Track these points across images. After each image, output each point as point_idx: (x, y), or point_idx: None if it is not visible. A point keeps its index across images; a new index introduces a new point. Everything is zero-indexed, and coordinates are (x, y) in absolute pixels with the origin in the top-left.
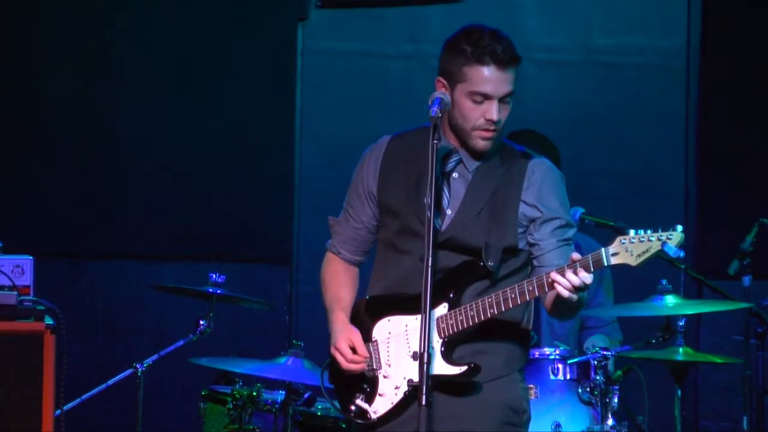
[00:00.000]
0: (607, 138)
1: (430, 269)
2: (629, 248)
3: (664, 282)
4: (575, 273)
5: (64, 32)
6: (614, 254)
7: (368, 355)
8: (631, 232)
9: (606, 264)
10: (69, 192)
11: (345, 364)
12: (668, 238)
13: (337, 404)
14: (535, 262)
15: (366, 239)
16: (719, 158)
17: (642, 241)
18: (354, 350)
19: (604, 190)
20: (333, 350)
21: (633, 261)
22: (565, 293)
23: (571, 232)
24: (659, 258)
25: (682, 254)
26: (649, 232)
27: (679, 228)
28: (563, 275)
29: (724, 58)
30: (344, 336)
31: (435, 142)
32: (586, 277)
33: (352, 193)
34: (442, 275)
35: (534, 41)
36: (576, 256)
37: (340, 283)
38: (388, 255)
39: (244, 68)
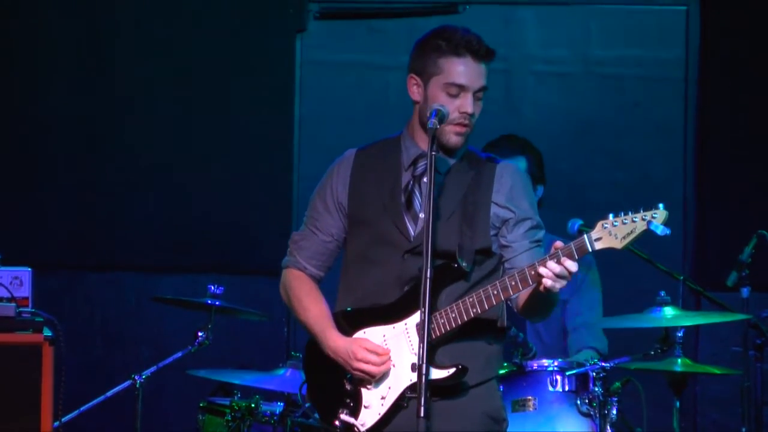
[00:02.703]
0: (605, 149)
1: (428, 281)
2: (612, 231)
3: (662, 293)
4: (558, 262)
5: (64, 46)
6: (597, 239)
7: (389, 350)
8: (611, 216)
9: (590, 249)
10: (68, 204)
11: (377, 369)
12: (653, 217)
13: (318, 418)
14: (506, 265)
15: (333, 253)
16: (718, 170)
17: (625, 223)
18: (374, 353)
19: (602, 201)
20: (357, 364)
21: (618, 244)
22: (549, 282)
23: (541, 234)
24: (655, 266)
25: (668, 232)
26: (630, 213)
27: (662, 206)
28: (545, 265)
29: (722, 69)
30: (356, 347)
31: (433, 153)
32: (571, 265)
33: (317, 207)
34: (415, 282)
35: (533, 53)
36: (559, 243)
37: (317, 300)
38: (357, 267)
39: (243, 80)
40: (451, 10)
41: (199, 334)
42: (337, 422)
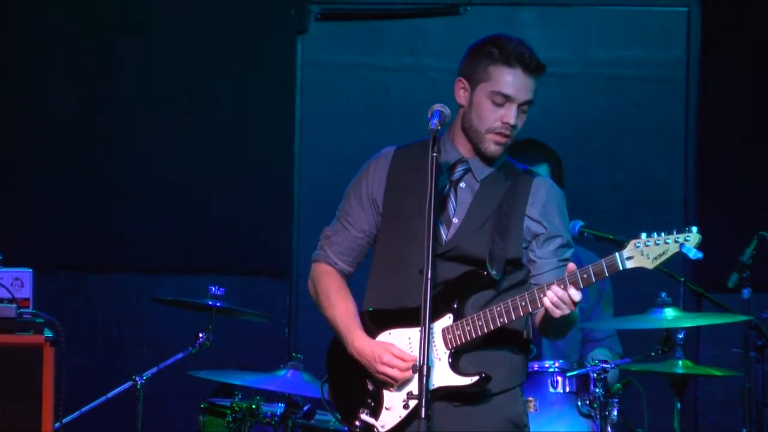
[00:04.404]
0: (606, 151)
1: (429, 282)
2: (645, 251)
3: (663, 295)
4: (564, 289)
5: (65, 46)
6: (629, 258)
7: (415, 356)
8: (643, 236)
9: (621, 268)
10: (68, 205)
11: (401, 375)
12: (686, 240)
13: (339, 417)
14: (532, 281)
15: (363, 249)
16: (719, 171)
17: (658, 244)
18: (400, 358)
19: (603, 203)
20: (381, 368)
21: (649, 264)
22: (548, 304)
23: (569, 252)
24: (659, 271)
25: (701, 256)
26: (663, 234)
27: (695, 229)
28: (550, 289)
29: (723, 70)
30: (382, 350)
31: (434, 154)
32: (575, 294)
33: (351, 201)
34: (444, 286)
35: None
36: (572, 266)
37: (345, 298)
38: (388, 267)
39: (244, 81)
40: (452, 11)
41: (200, 335)
42: (357, 422)
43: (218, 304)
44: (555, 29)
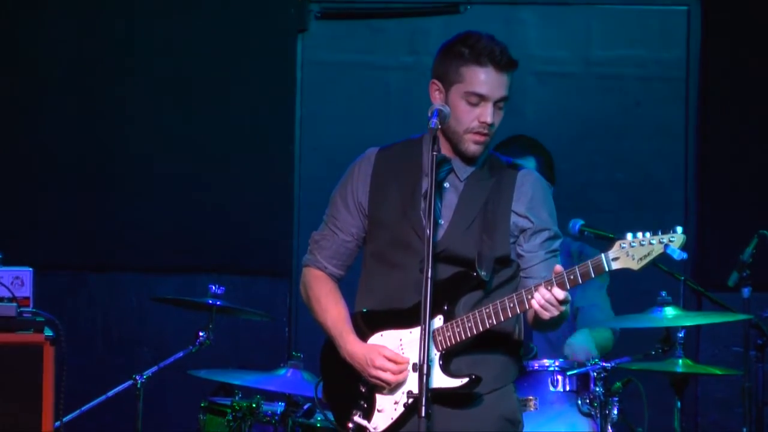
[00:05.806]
0: (606, 150)
1: (429, 281)
2: (630, 252)
3: (663, 294)
4: (564, 286)
5: (64, 45)
6: (615, 259)
7: (407, 358)
8: (629, 236)
9: (607, 269)
10: (69, 204)
11: (394, 378)
12: (670, 240)
13: (332, 419)
14: (522, 274)
15: (353, 253)
16: (719, 170)
17: (643, 245)
18: (392, 361)
19: (603, 202)
20: (374, 371)
21: (635, 265)
22: (536, 306)
23: (557, 243)
24: (656, 266)
25: (685, 256)
26: (648, 234)
27: (680, 229)
28: (537, 291)
29: (723, 69)
30: (375, 353)
31: (434, 153)
32: (558, 293)
33: (338, 205)
34: (434, 287)
35: (534, 53)
36: (559, 268)
37: (336, 302)
38: (377, 269)
39: (244, 80)
40: (452, 11)
41: (200, 334)
42: (350, 424)
43: (218, 302)
44: (555, 29)
